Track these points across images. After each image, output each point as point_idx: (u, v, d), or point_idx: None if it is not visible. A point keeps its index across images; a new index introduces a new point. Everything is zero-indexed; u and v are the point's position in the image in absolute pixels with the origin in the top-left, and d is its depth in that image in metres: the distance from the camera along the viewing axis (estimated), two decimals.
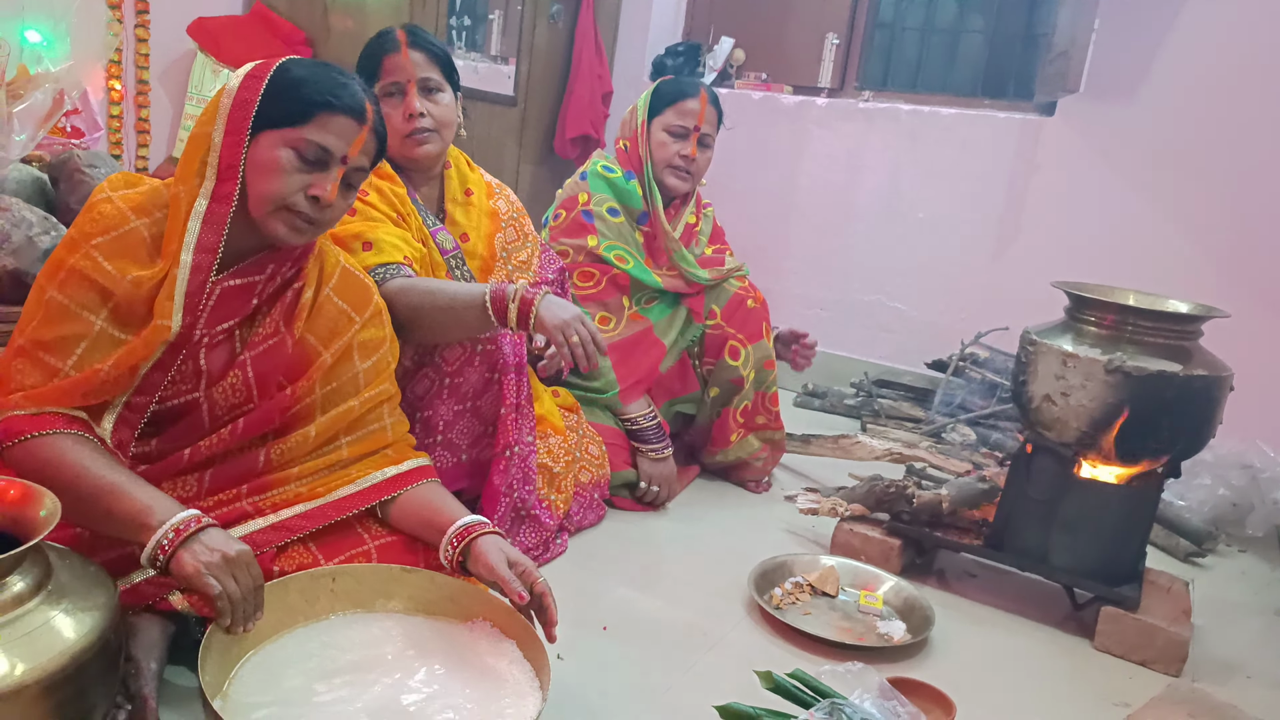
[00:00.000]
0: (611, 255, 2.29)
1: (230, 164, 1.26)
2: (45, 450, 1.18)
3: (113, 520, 1.16)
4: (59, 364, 1.21)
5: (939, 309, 3.41)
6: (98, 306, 1.22)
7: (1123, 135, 3.05)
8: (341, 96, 1.28)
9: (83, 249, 1.23)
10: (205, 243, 1.26)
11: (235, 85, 1.28)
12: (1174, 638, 1.74)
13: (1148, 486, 1.84)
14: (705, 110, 2.33)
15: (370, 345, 1.46)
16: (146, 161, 2.82)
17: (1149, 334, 1.75)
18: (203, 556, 1.12)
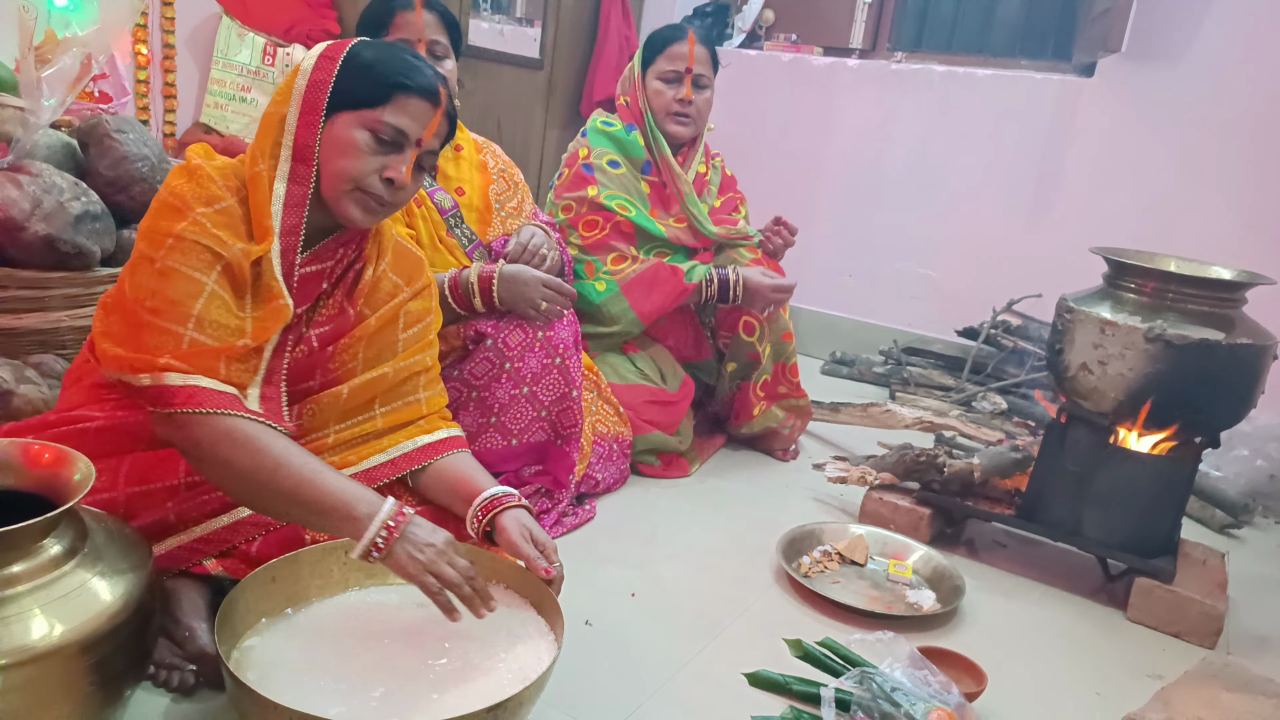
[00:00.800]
0: (613, 204, 2.28)
1: (306, 144, 1.26)
2: (239, 433, 1.17)
3: (313, 512, 1.17)
4: (179, 327, 1.19)
5: (970, 276, 3.35)
6: (209, 268, 1.21)
7: (1165, 98, 2.96)
8: (417, 79, 1.27)
9: (189, 216, 1.21)
10: (288, 225, 1.27)
11: (309, 66, 1.27)
12: (1209, 610, 1.72)
13: (1185, 457, 1.81)
14: (694, 50, 2.30)
15: (415, 315, 1.47)
16: (174, 126, 2.82)
17: (1191, 301, 1.71)
18: (418, 555, 1.15)
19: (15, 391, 1.62)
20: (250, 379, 1.24)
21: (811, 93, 3.57)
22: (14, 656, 0.99)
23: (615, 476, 2.08)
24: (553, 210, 2.33)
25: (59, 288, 1.86)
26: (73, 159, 2.02)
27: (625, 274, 2.24)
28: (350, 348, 1.38)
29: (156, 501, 1.27)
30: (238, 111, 2.80)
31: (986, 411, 2.81)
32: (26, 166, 1.85)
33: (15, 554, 1.04)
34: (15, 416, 1.58)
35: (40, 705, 1.02)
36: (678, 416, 2.24)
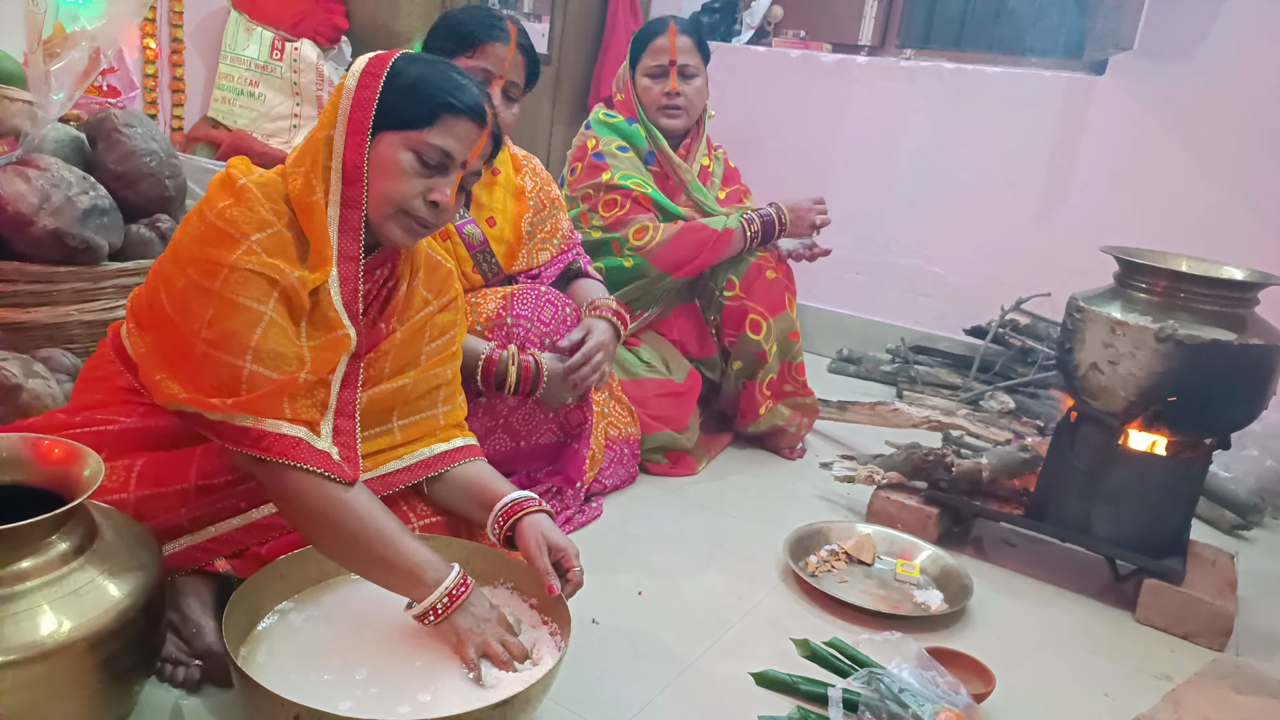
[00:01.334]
0: (629, 182, 2.28)
1: (355, 165, 1.24)
2: (308, 485, 1.18)
3: (384, 570, 1.20)
4: (238, 361, 1.16)
5: (979, 274, 3.34)
6: (266, 296, 1.18)
7: (1177, 96, 2.94)
8: (463, 99, 1.24)
9: (243, 245, 1.18)
10: (346, 251, 1.25)
11: (353, 86, 1.25)
12: (1218, 611, 1.71)
13: (1196, 458, 1.80)
14: (676, 41, 2.29)
15: (441, 328, 1.45)
16: (182, 121, 2.81)
17: (1202, 301, 1.70)
18: (474, 629, 1.19)
19: (24, 386, 1.61)
20: (320, 414, 1.22)
21: (820, 89, 3.56)
22: (23, 653, 0.99)
23: (624, 477, 2.08)
24: (570, 204, 2.32)
25: (67, 282, 1.86)
26: (81, 153, 2.02)
27: (650, 246, 2.25)
28: (377, 361, 1.36)
29: (169, 505, 1.27)
30: (245, 106, 2.80)
31: (994, 411, 2.80)
32: (35, 160, 1.84)
33: (25, 550, 1.04)
34: (24, 412, 1.58)
35: (49, 701, 1.02)
36: (687, 409, 2.24)
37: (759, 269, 2.32)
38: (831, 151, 3.56)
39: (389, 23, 2.87)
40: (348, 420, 1.27)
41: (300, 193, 1.24)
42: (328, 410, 1.23)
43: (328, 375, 1.23)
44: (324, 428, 1.22)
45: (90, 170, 1.96)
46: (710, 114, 2.46)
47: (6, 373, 1.61)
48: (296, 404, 1.19)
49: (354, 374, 1.29)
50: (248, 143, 2.72)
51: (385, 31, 2.86)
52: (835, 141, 3.55)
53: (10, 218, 1.78)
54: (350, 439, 1.26)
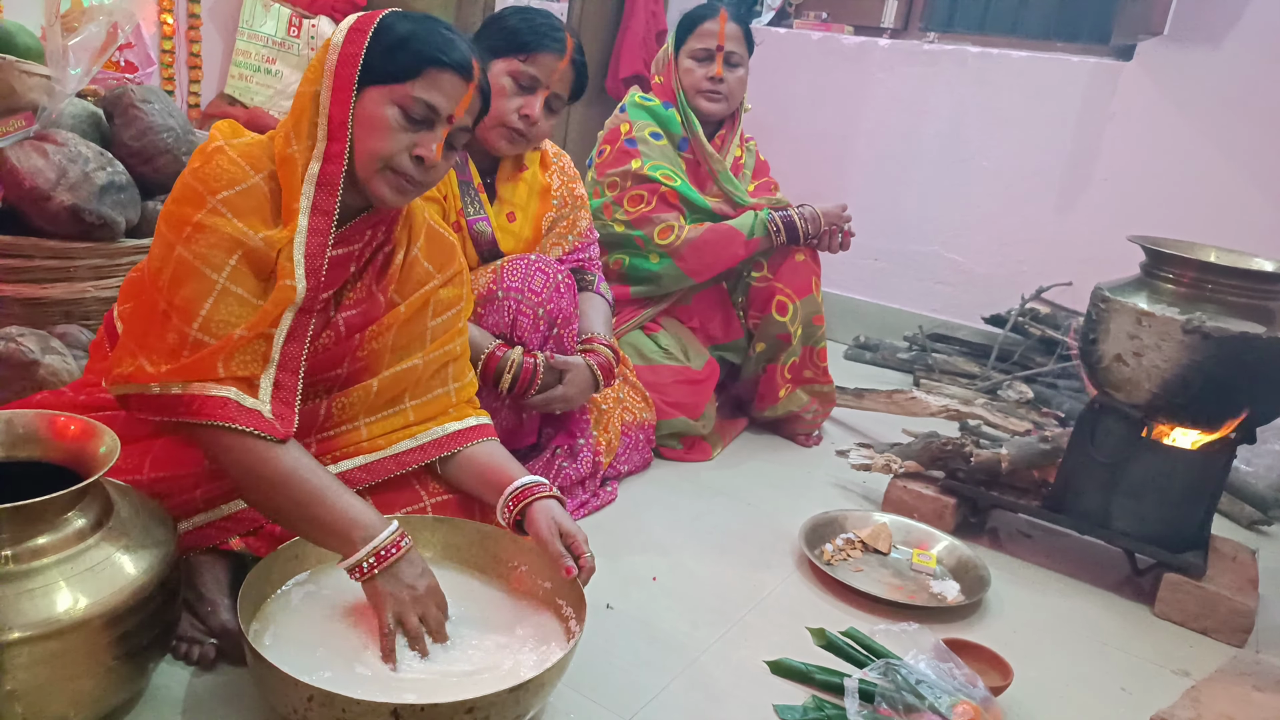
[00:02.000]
0: (658, 174, 2.26)
1: (339, 121, 1.22)
2: (236, 445, 1.17)
3: (316, 528, 1.19)
4: (185, 327, 1.17)
5: (999, 262, 3.30)
6: (225, 259, 1.18)
7: (1207, 82, 2.88)
8: (450, 53, 1.22)
9: (209, 204, 1.18)
10: (320, 204, 1.23)
11: (340, 40, 1.23)
12: (1239, 607, 1.69)
13: (1219, 452, 1.77)
14: (725, 28, 2.28)
15: (445, 303, 1.43)
16: (199, 97, 2.80)
17: (1231, 293, 1.67)
18: (396, 593, 1.16)
19: (41, 362, 1.61)
20: (260, 368, 1.20)
21: (841, 72, 3.51)
22: (39, 629, 0.99)
23: (639, 463, 2.07)
24: (597, 188, 2.30)
25: (84, 258, 1.85)
26: (98, 129, 2.01)
27: (675, 245, 2.23)
28: (379, 335, 1.35)
29: (183, 486, 1.27)
30: (262, 83, 2.79)
31: (1012, 400, 2.78)
32: (53, 135, 1.84)
33: (41, 526, 1.04)
34: (40, 386, 1.58)
35: (64, 678, 1.02)
36: (703, 397, 2.23)
37: (788, 251, 2.31)
38: (852, 136, 3.52)
39: (407, 0, 2.84)
40: (290, 376, 1.24)
41: (280, 147, 1.24)
42: (269, 364, 1.21)
43: (268, 329, 1.20)
44: (264, 380, 1.21)
45: (107, 146, 1.96)
46: (747, 107, 2.44)
47: (23, 348, 1.61)
48: (233, 361, 1.18)
49: (302, 328, 1.25)
50: (264, 119, 2.70)
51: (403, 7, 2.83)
52: (855, 125, 3.51)
53: (27, 193, 1.77)
54: (290, 394, 1.24)
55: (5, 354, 1.60)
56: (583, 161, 2.45)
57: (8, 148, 1.79)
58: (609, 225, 2.28)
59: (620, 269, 2.30)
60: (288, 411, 1.22)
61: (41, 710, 1.02)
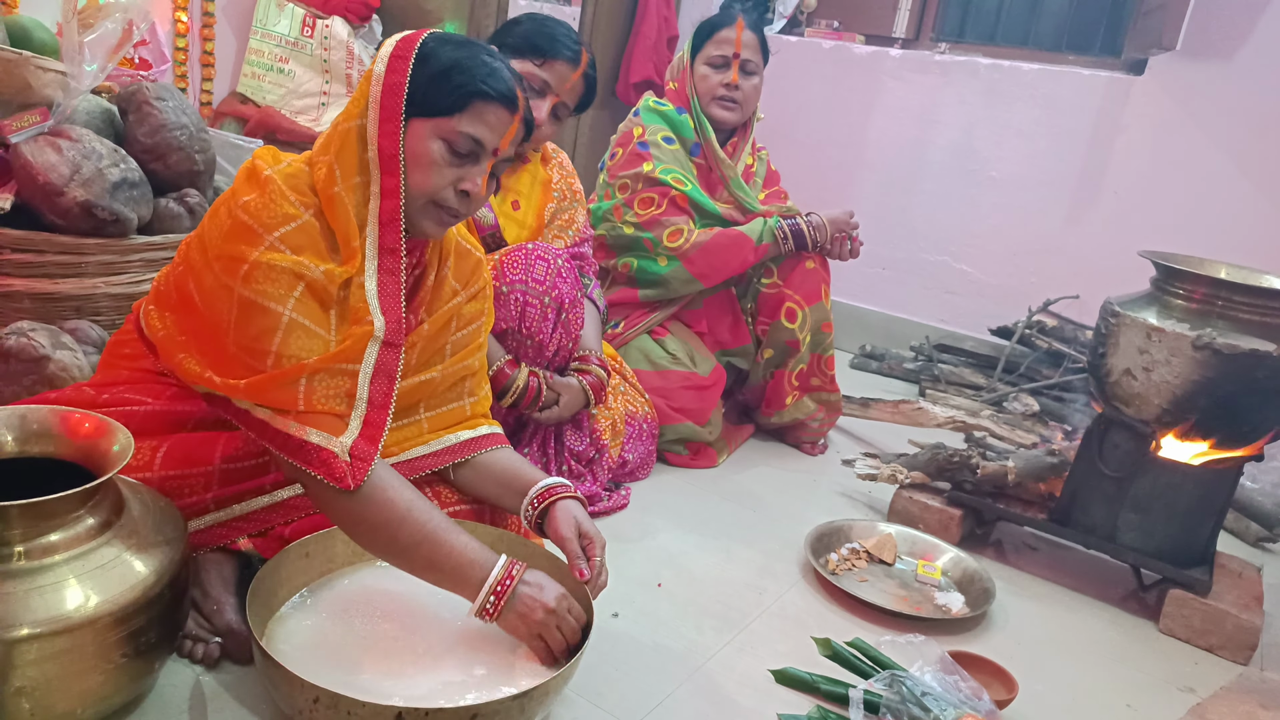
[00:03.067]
0: (669, 178, 2.27)
1: (390, 154, 1.19)
2: (326, 495, 1.17)
3: (433, 571, 1.19)
4: (259, 365, 1.16)
5: (1007, 273, 3.30)
6: (287, 293, 1.16)
7: (1219, 99, 2.88)
8: (495, 85, 1.20)
9: (266, 241, 1.15)
10: (386, 244, 1.21)
11: (382, 71, 1.20)
12: (1244, 625, 1.69)
13: (1227, 468, 1.77)
14: (742, 36, 2.28)
15: (468, 318, 1.42)
16: (211, 95, 2.81)
17: (1242, 310, 1.67)
18: (530, 616, 1.17)
19: (51, 357, 1.61)
20: (347, 406, 1.18)
21: (852, 81, 3.52)
22: (49, 625, 0.99)
23: (643, 457, 2.07)
24: (608, 190, 2.31)
25: (95, 254, 1.86)
26: (111, 125, 2.01)
27: (684, 248, 2.24)
28: (405, 352, 1.34)
29: (194, 486, 1.27)
30: (275, 82, 2.79)
31: (1018, 413, 2.77)
32: (66, 131, 1.84)
33: (53, 523, 1.04)
34: (50, 383, 1.58)
35: (73, 675, 1.02)
36: (710, 404, 2.23)
37: (798, 258, 2.32)
38: (862, 144, 3.52)
39: (420, 1, 2.85)
40: (379, 413, 1.21)
41: (324, 184, 1.21)
42: (356, 401, 1.19)
43: (348, 364, 1.19)
44: (353, 421, 1.18)
45: (120, 142, 1.96)
46: (760, 116, 2.44)
47: (35, 343, 1.61)
48: (315, 385, 1.16)
49: (390, 365, 1.22)
50: (275, 119, 2.71)
51: (417, 10, 2.85)
52: (866, 134, 3.51)
53: (41, 188, 1.78)
54: (378, 432, 1.20)
55: (16, 349, 1.60)
56: (594, 164, 2.46)
57: (22, 143, 1.79)
58: (619, 227, 2.28)
59: (629, 271, 2.30)
60: (370, 450, 1.18)
61: (50, 707, 1.02)
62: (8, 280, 1.80)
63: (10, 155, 1.79)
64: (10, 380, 1.59)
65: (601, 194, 2.35)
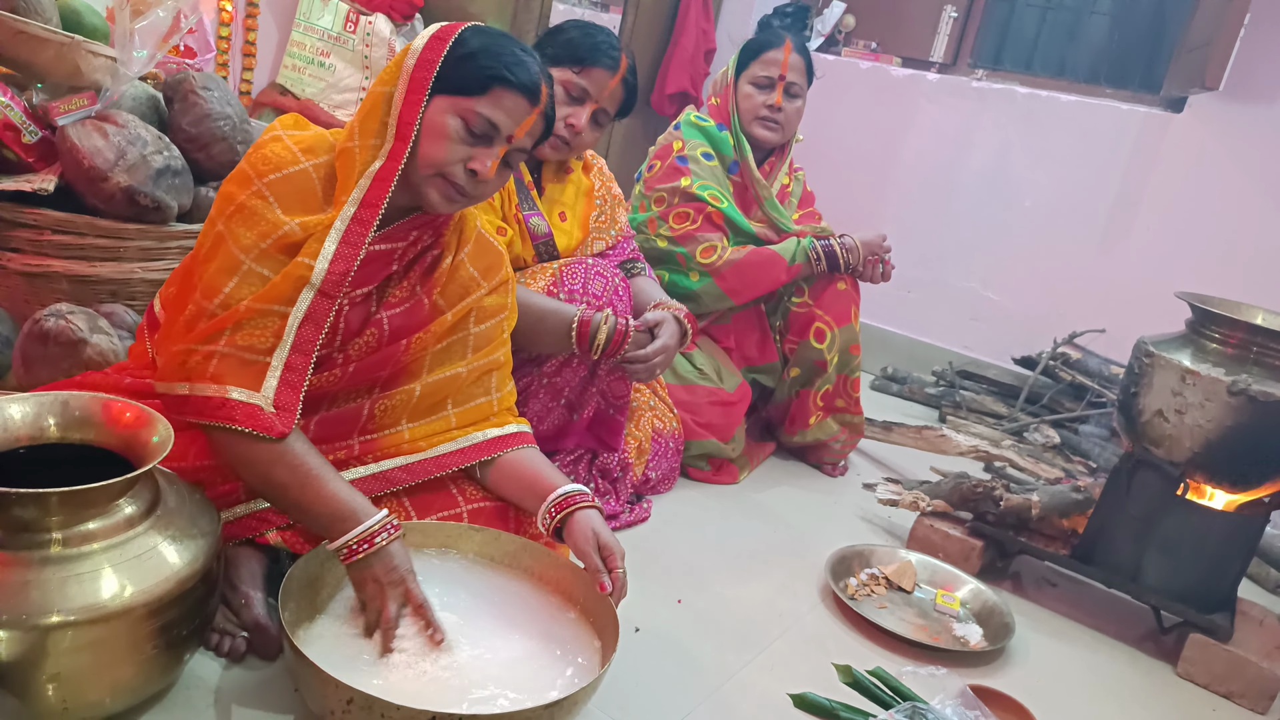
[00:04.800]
0: (706, 194, 2.28)
1: (407, 122, 1.24)
2: (254, 448, 1.19)
3: (323, 509, 1.19)
4: (206, 302, 1.20)
5: (1033, 303, 3.29)
6: (253, 246, 1.21)
7: (1260, 141, 2.86)
8: (518, 74, 1.24)
9: (254, 186, 1.22)
10: (371, 197, 1.24)
11: (420, 46, 1.25)
12: (1265, 673, 1.67)
13: (1255, 514, 1.76)
14: (789, 59, 2.29)
15: (489, 311, 1.44)
16: (250, 85, 2.83)
17: (1277, 357, 1.66)
18: (384, 577, 1.18)
19: (89, 341, 1.62)
20: (271, 343, 1.20)
21: (888, 102, 3.52)
22: (84, 614, 1.00)
23: (666, 474, 2.07)
24: (644, 202, 2.32)
25: (135, 239, 1.87)
26: (156, 112, 2.03)
27: (717, 264, 2.24)
28: (423, 341, 1.36)
29: (226, 476, 1.28)
30: (315, 75, 2.81)
31: (1039, 444, 2.76)
32: (113, 116, 1.85)
33: (92, 511, 1.05)
34: (86, 365, 1.59)
35: (104, 664, 1.03)
36: (735, 420, 2.23)
37: (830, 279, 2.32)
38: (895, 165, 3.52)
39: (464, 3, 2.87)
40: (303, 358, 1.23)
41: (342, 140, 1.27)
42: (281, 343, 1.21)
43: (282, 306, 1.20)
44: (275, 359, 1.20)
45: (164, 130, 1.98)
46: (799, 138, 2.45)
47: (73, 326, 1.62)
48: (239, 333, 1.19)
49: (320, 313, 1.23)
50: (314, 111, 2.73)
51: (460, 11, 2.86)
52: (899, 156, 3.51)
53: (85, 172, 1.79)
54: (300, 377, 1.23)
55: (55, 330, 1.61)
56: (624, 171, 2.46)
57: (69, 125, 1.81)
58: (652, 240, 2.28)
59: (661, 284, 2.30)
60: (292, 398, 1.21)
61: (80, 696, 1.03)
62: (47, 260, 1.81)
63: (57, 138, 1.80)
64: (47, 363, 1.60)
65: (637, 205, 2.35)
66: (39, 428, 1.12)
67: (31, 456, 1.11)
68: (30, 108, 1.83)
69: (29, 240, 1.80)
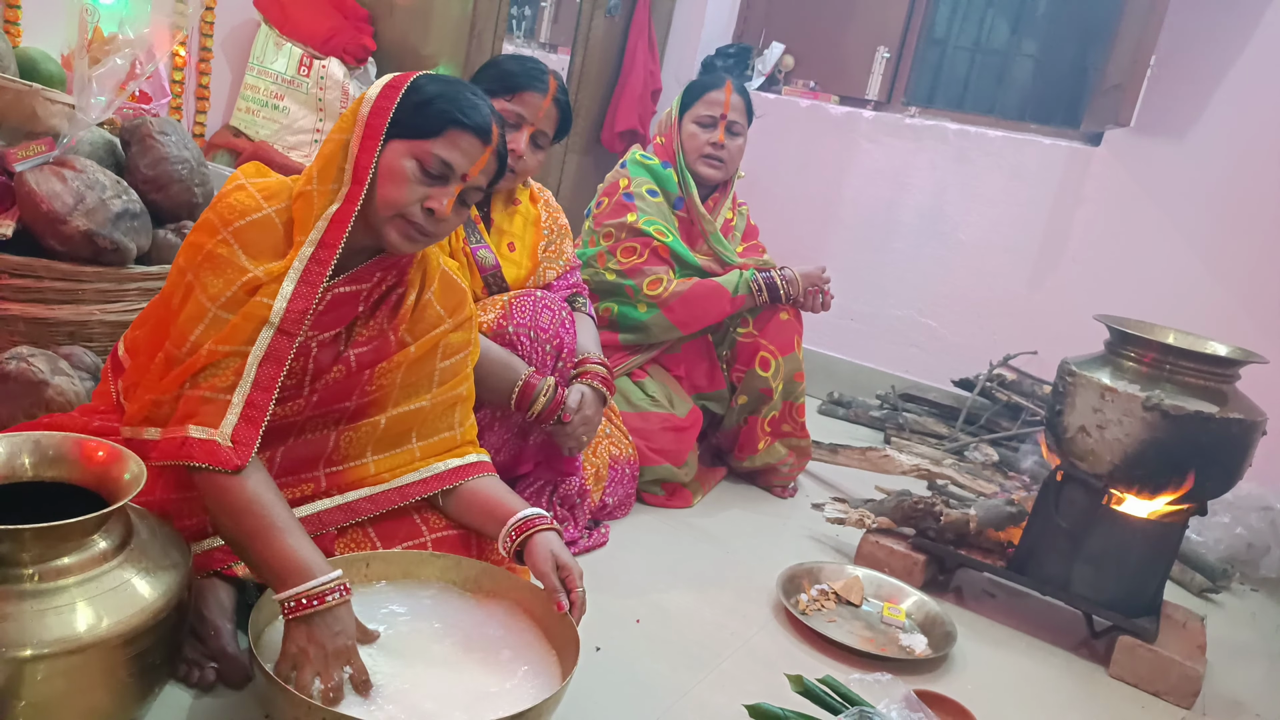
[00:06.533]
0: (651, 229, 2.37)
1: (363, 165, 1.29)
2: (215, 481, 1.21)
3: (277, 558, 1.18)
4: (175, 350, 1.25)
5: (970, 330, 3.44)
6: (219, 294, 1.25)
7: (1171, 173, 3.06)
8: (471, 115, 1.31)
9: (220, 234, 1.27)
10: (328, 238, 1.29)
11: (374, 95, 1.31)
12: (1188, 672, 1.78)
13: (1174, 523, 1.88)
14: (730, 99, 2.42)
15: (455, 346, 1.49)
16: (204, 128, 2.87)
17: (1188, 374, 1.78)
18: (314, 643, 1.14)
19: (50, 382, 1.65)
20: (231, 382, 1.23)
21: (827, 139, 3.67)
22: (59, 646, 1.02)
23: (622, 499, 2.13)
24: (593, 237, 2.40)
25: (93, 281, 1.89)
26: (113, 155, 2.06)
27: (663, 296, 2.34)
28: (389, 372, 1.41)
29: (193, 509, 1.32)
30: (269, 118, 2.86)
31: (978, 462, 2.88)
32: (71, 161, 1.89)
33: (67, 546, 1.08)
34: (48, 407, 1.61)
35: (79, 693, 1.06)
36: (687, 445, 2.30)
37: (773, 310, 2.42)
38: (835, 201, 3.67)
39: (418, 46, 2.95)
40: (263, 395, 1.25)
41: (302, 184, 1.32)
42: (242, 381, 1.23)
43: (241, 345, 1.24)
44: (235, 396, 1.23)
45: (121, 174, 2.01)
46: (740, 174, 2.56)
47: (34, 368, 1.65)
48: (200, 375, 1.23)
49: (281, 352, 1.27)
50: (268, 153, 2.77)
51: (413, 54, 2.94)
52: (839, 191, 3.66)
53: (44, 215, 1.81)
54: (260, 414, 1.25)
55: (16, 373, 1.63)
56: (575, 206, 2.55)
57: (27, 171, 1.84)
58: (601, 273, 2.37)
59: (610, 316, 2.38)
60: (251, 433, 1.23)
61: None
62: (5, 304, 1.82)
63: (14, 183, 1.83)
64: (8, 403, 1.62)
65: (587, 240, 2.43)
66: (13, 466, 1.15)
67: (6, 494, 1.14)
68: None
69: None
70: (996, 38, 3.77)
